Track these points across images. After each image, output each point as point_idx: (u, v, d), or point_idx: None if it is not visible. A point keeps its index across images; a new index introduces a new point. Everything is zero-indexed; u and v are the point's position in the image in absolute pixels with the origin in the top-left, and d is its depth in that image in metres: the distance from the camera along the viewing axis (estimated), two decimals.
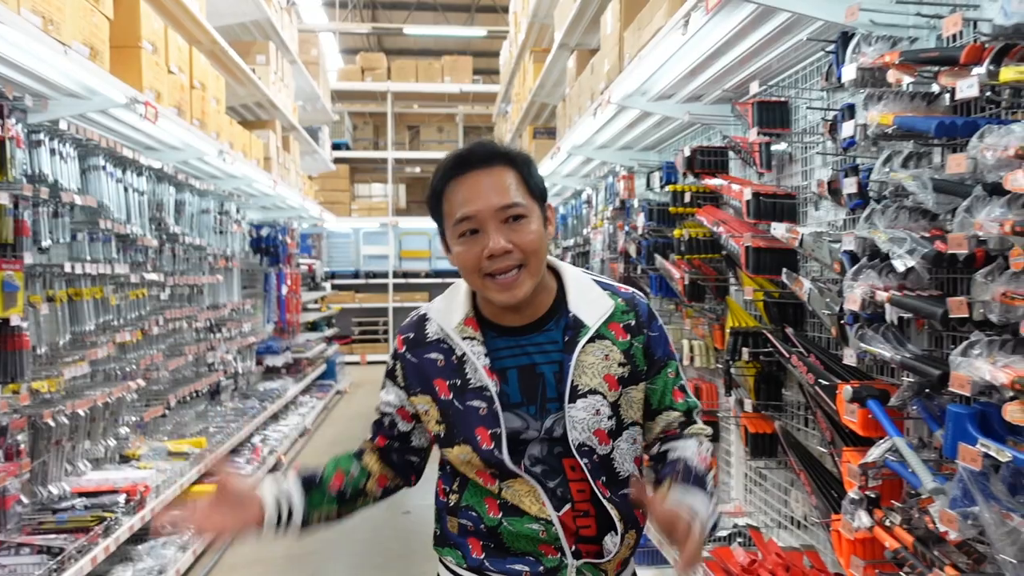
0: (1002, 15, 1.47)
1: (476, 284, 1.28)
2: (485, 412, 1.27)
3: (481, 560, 1.30)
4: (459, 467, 1.33)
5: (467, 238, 1.24)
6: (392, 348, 1.40)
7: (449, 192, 1.26)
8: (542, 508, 1.27)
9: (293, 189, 6.79)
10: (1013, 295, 1.41)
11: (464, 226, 1.24)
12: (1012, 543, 1.42)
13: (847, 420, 1.92)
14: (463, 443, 1.28)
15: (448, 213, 1.26)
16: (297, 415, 6.96)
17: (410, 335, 1.36)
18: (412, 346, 1.34)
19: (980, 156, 1.46)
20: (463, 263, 1.26)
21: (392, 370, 1.38)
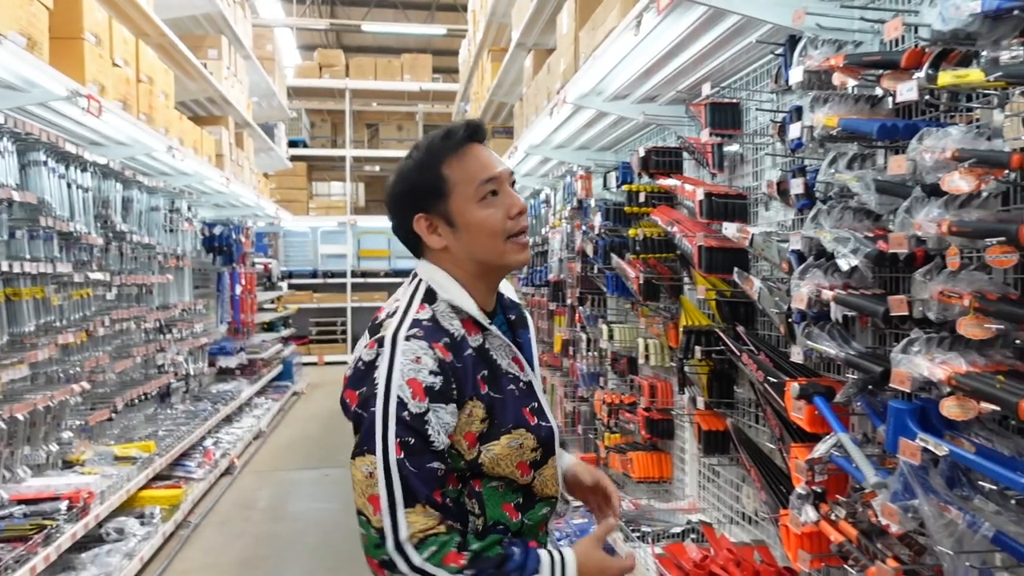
0: (940, 20, 1.50)
1: (496, 248, 1.28)
2: (519, 392, 1.29)
3: None
4: (496, 466, 1.25)
5: (489, 200, 1.26)
6: (431, 363, 1.18)
7: (459, 161, 1.27)
8: (558, 487, 1.34)
9: (247, 187, 6.65)
10: (950, 293, 1.45)
11: (490, 186, 1.26)
12: (949, 535, 1.45)
13: (795, 417, 1.96)
14: (514, 428, 1.26)
15: (464, 180, 1.26)
16: (252, 417, 6.83)
17: (446, 340, 1.22)
18: (454, 351, 1.22)
19: (919, 158, 1.50)
20: (491, 225, 1.26)
21: (444, 388, 1.18)
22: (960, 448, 1.43)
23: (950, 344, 1.50)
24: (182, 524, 4.40)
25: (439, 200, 1.27)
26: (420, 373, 1.17)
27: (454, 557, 1.15)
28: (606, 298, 4.16)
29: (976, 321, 1.39)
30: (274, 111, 8.45)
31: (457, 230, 1.28)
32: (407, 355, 1.18)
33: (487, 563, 1.17)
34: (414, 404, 1.16)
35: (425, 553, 1.14)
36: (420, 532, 1.15)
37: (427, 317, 1.25)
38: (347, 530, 4.44)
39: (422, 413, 1.16)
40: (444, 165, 1.27)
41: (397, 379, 1.17)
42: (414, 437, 1.16)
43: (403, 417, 1.16)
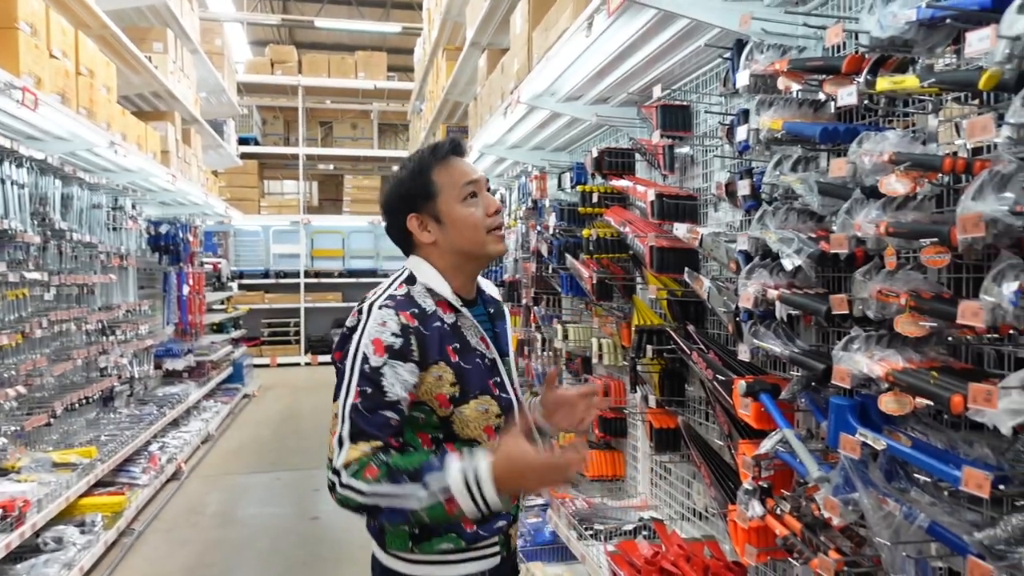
0: (878, 28, 1.55)
1: (479, 239, 1.52)
2: (484, 367, 1.51)
3: (475, 531, 1.47)
4: (465, 428, 1.47)
5: (471, 200, 1.52)
6: (394, 326, 1.40)
7: (445, 169, 1.52)
8: None
9: (195, 184, 6.49)
10: (888, 292, 1.49)
11: (471, 188, 1.52)
12: (887, 526, 1.50)
13: (742, 414, 2.00)
14: (480, 395, 1.48)
15: (449, 183, 1.51)
16: (200, 421, 6.66)
17: (414, 310, 1.44)
18: (421, 320, 1.44)
19: (859, 161, 1.54)
20: (474, 220, 1.51)
21: (403, 348, 1.39)
22: (897, 442, 1.48)
23: (888, 341, 1.54)
24: (125, 532, 4.26)
25: (429, 201, 1.52)
26: (383, 334, 1.39)
27: (372, 470, 1.32)
28: (561, 298, 4.18)
29: (912, 319, 1.43)
30: (223, 107, 8.26)
31: (444, 226, 1.51)
32: (376, 320, 1.41)
33: (399, 472, 1.31)
34: (374, 358, 1.38)
35: (351, 471, 1.32)
36: (353, 459, 1.33)
37: (402, 294, 1.48)
38: (299, 535, 4.37)
39: (379, 366, 1.37)
40: (433, 172, 1.52)
41: (365, 339, 1.40)
42: (371, 386, 1.37)
43: (364, 370, 1.38)
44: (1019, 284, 1.19)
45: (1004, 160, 1.26)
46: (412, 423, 1.44)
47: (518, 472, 1.29)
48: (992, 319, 1.24)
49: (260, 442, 6.74)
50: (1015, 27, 1.21)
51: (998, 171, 1.24)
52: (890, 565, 1.51)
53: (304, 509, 4.85)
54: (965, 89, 1.39)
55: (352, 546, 4.11)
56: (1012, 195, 1.21)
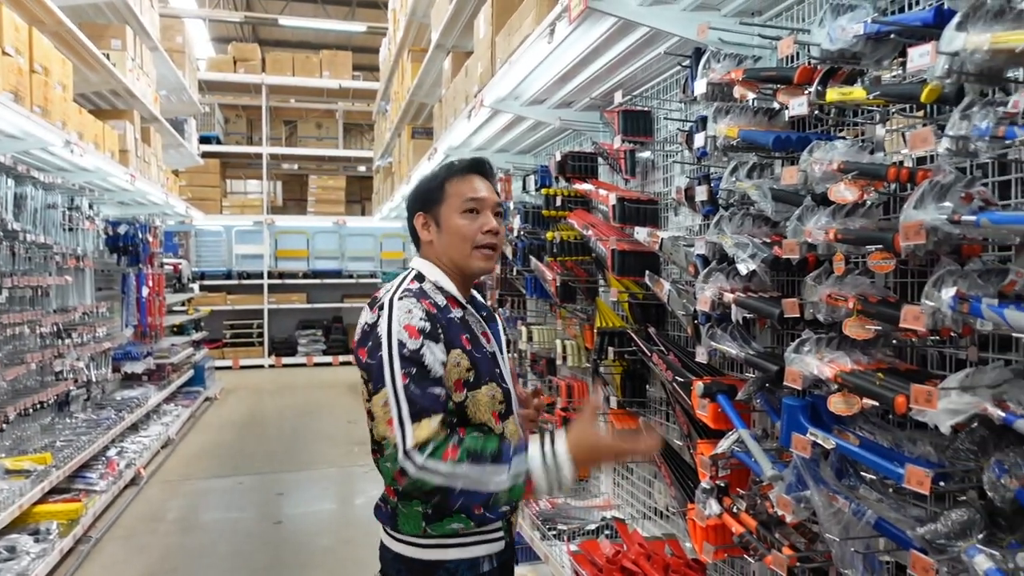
0: (828, 40, 1.60)
1: (464, 252, 1.62)
2: (491, 358, 1.62)
3: (483, 514, 1.49)
4: (477, 412, 1.56)
5: (470, 215, 1.63)
6: (420, 312, 1.50)
7: (458, 182, 1.64)
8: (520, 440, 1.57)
9: (155, 184, 6.37)
10: (837, 296, 1.54)
11: (471, 204, 1.63)
12: (837, 523, 1.55)
13: (700, 414, 2.04)
14: (489, 381, 1.58)
15: (456, 194, 1.63)
16: (160, 424, 6.54)
17: (431, 301, 1.56)
18: (439, 310, 1.56)
19: (809, 169, 1.59)
20: (464, 232, 1.61)
21: (433, 330, 1.50)
22: (846, 441, 1.53)
23: (838, 344, 1.60)
24: (82, 539, 4.17)
25: (435, 204, 1.65)
26: (413, 319, 1.49)
27: (451, 452, 1.41)
28: (526, 300, 4.21)
29: (859, 322, 1.48)
30: (184, 106, 8.11)
31: (440, 231, 1.64)
32: (401, 309, 1.51)
33: (479, 455, 1.42)
34: (411, 342, 1.47)
35: (426, 453, 1.40)
36: (423, 439, 1.41)
37: (415, 288, 1.59)
38: (261, 540, 4.32)
39: (418, 348, 1.47)
40: (448, 181, 1.65)
41: (396, 327, 1.48)
42: (415, 367, 1.46)
43: (404, 354, 1.46)
44: (957, 290, 1.25)
45: (944, 171, 1.32)
46: None
47: (594, 455, 1.46)
48: (933, 323, 1.30)
49: (222, 446, 6.64)
50: (954, 43, 1.26)
51: (938, 181, 1.29)
52: (840, 560, 1.56)
53: (267, 513, 4.80)
54: (909, 101, 1.45)
55: (316, 550, 4.08)
56: (951, 204, 1.26)
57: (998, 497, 1.26)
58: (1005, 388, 1.29)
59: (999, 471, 1.26)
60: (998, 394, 1.28)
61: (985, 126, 1.23)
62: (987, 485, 1.27)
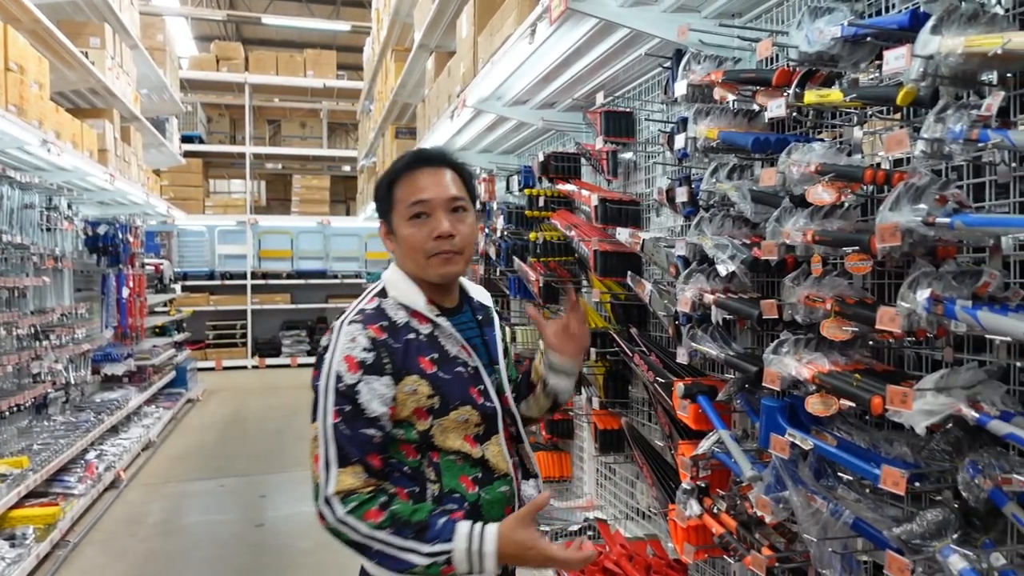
0: (806, 43, 1.61)
1: (419, 263, 1.44)
2: (467, 375, 1.45)
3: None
4: (446, 439, 1.42)
5: (417, 220, 1.43)
6: (364, 341, 1.36)
7: (404, 181, 1.45)
8: (507, 464, 1.48)
9: (135, 184, 6.29)
10: (815, 298, 1.55)
11: (417, 208, 1.43)
12: (815, 523, 1.56)
13: (681, 415, 2.05)
14: (461, 405, 1.43)
15: (401, 199, 1.45)
16: (140, 427, 6.46)
17: (383, 323, 1.41)
18: (390, 332, 1.40)
19: (788, 171, 1.60)
20: (412, 242, 1.43)
21: (375, 362, 1.36)
22: (823, 442, 1.54)
23: (816, 345, 1.61)
24: (59, 544, 4.11)
25: (388, 212, 1.48)
26: (354, 350, 1.36)
27: (374, 514, 1.31)
28: (510, 300, 4.20)
29: (836, 324, 1.49)
30: (166, 104, 8.02)
31: (397, 241, 1.47)
32: (345, 337, 1.38)
33: (404, 525, 1.31)
34: (348, 376, 1.35)
35: (348, 507, 1.31)
36: (346, 489, 1.32)
37: (372, 307, 1.44)
38: (244, 543, 4.28)
39: (354, 384, 1.34)
40: (395, 183, 1.46)
41: (337, 356, 1.36)
42: (349, 404, 1.34)
43: (339, 388, 1.34)
44: (931, 291, 1.26)
45: (919, 173, 1.33)
46: (393, 440, 1.40)
47: (521, 558, 1.32)
48: (908, 324, 1.30)
49: (204, 448, 6.58)
50: (928, 47, 1.27)
51: (913, 183, 1.30)
52: (818, 560, 1.57)
53: (249, 516, 4.75)
54: (885, 104, 1.46)
55: (298, 553, 4.05)
56: (926, 206, 1.27)
57: (972, 497, 1.27)
58: (979, 389, 1.30)
59: (973, 471, 1.28)
60: (972, 395, 1.29)
61: (959, 129, 1.24)
62: (961, 485, 1.28)
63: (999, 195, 1.39)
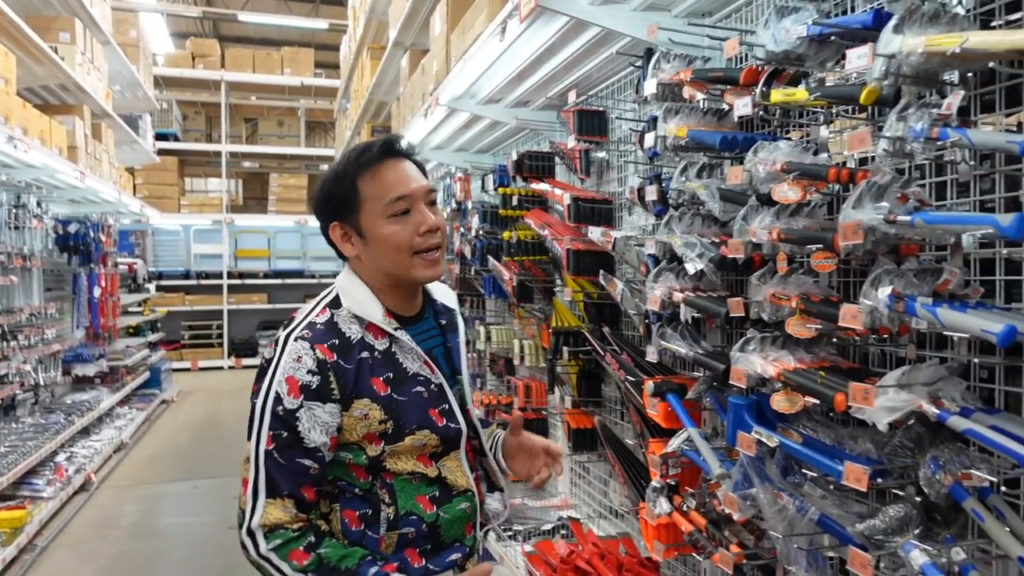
0: (773, 42, 1.62)
1: (403, 263, 1.32)
2: (428, 394, 1.34)
3: (424, 566, 1.34)
4: (397, 463, 1.32)
5: (401, 218, 1.31)
6: (310, 362, 1.24)
7: (374, 177, 1.31)
8: (467, 479, 1.39)
9: (107, 182, 6.19)
10: (780, 296, 1.56)
11: (400, 205, 1.31)
12: (782, 520, 1.56)
13: (651, 413, 2.05)
14: (417, 430, 1.32)
15: (374, 196, 1.31)
16: (113, 428, 6.37)
17: (334, 341, 1.28)
18: (341, 352, 1.27)
19: (754, 169, 1.60)
20: (397, 241, 1.31)
21: (321, 387, 1.24)
22: (789, 439, 1.54)
23: (782, 343, 1.61)
24: (27, 548, 4.03)
25: (352, 212, 1.33)
26: (298, 372, 1.24)
27: (299, 555, 1.21)
28: (485, 300, 4.19)
29: (801, 321, 1.50)
30: (139, 102, 7.90)
31: (367, 242, 1.33)
32: (290, 355, 1.26)
33: (330, 571, 1.21)
34: (288, 400, 1.23)
35: (272, 544, 1.21)
36: (272, 523, 1.22)
37: (323, 321, 1.30)
38: (217, 545, 4.23)
39: (294, 409, 1.23)
40: (359, 179, 1.32)
41: (279, 376, 1.25)
42: (286, 431, 1.23)
43: (277, 411, 1.24)
44: (893, 289, 1.27)
45: (881, 171, 1.34)
46: (340, 463, 1.31)
47: None
48: (870, 321, 1.31)
49: (178, 449, 6.49)
50: (890, 46, 1.28)
51: (875, 182, 1.31)
52: (784, 557, 1.57)
53: (223, 518, 4.69)
54: (849, 103, 1.47)
55: None
56: (887, 205, 1.28)
57: (933, 493, 1.28)
58: (940, 385, 1.31)
59: (934, 467, 1.29)
60: (934, 391, 1.30)
61: (920, 128, 1.25)
62: (923, 481, 1.29)
63: (960, 194, 1.41)
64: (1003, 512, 1.24)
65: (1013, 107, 1.31)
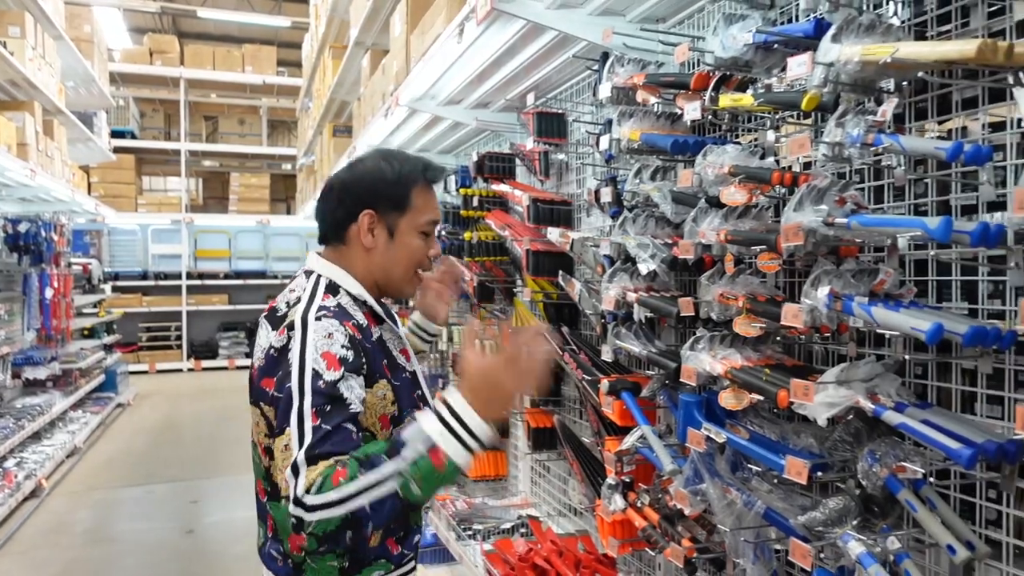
0: (721, 48, 1.66)
1: (406, 273, 1.46)
2: (408, 381, 1.44)
3: (401, 552, 1.43)
4: None
5: (426, 237, 1.47)
6: (342, 338, 1.26)
7: (426, 192, 1.47)
8: None
9: (59, 180, 6.04)
10: (728, 295, 1.60)
11: (431, 227, 1.47)
12: (730, 514, 1.61)
13: (606, 411, 2.08)
14: (408, 414, 1.37)
15: (420, 209, 1.45)
16: (65, 433, 6.22)
17: (355, 322, 1.34)
18: (361, 332, 1.33)
19: (703, 172, 1.65)
20: (418, 256, 1.46)
21: (355, 361, 1.26)
22: (736, 435, 1.58)
23: (731, 341, 1.65)
24: None
25: (397, 211, 1.43)
26: (333, 346, 1.25)
27: (339, 474, 1.13)
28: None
29: (748, 320, 1.54)
30: (94, 98, 7.72)
31: (392, 243, 1.43)
32: (319, 332, 1.26)
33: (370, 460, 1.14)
34: (329, 374, 1.23)
35: (314, 492, 1.12)
36: (313, 479, 1.13)
37: (333, 304, 1.35)
38: (172, 550, 4.16)
39: (336, 380, 1.22)
40: (415, 187, 1.45)
41: (311, 354, 1.24)
42: (330, 403, 1.21)
43: (318, 387, 1.21)
44: (831, 288, 1.31)
45: (821, 175, 1.38)
46: None
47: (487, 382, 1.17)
48: (811, 320, 1.36)
49: (133, 454, 6.36)
50: (829, 55, 1.33)
51: (815, 185, 1.35)
52: (733, 550, 1.62)
53: (179, 523, 4.62)
54: (792, 109, 1.51)
55: (229, 558, 3.96)
56: (826, 207, 1.33)
57: (870, 485, 1.33)
58: (877, 382, 1.36)
59: (871, 460, 1.34)
60: (871, 387, 1.35)
61: (857, 133, 1.30)
62: (860, 474, 1.34)
63: (896, 198, 1.46)
64: (934, 503, 1.29)
65: (944, 115, 1.37)
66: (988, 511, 1.32)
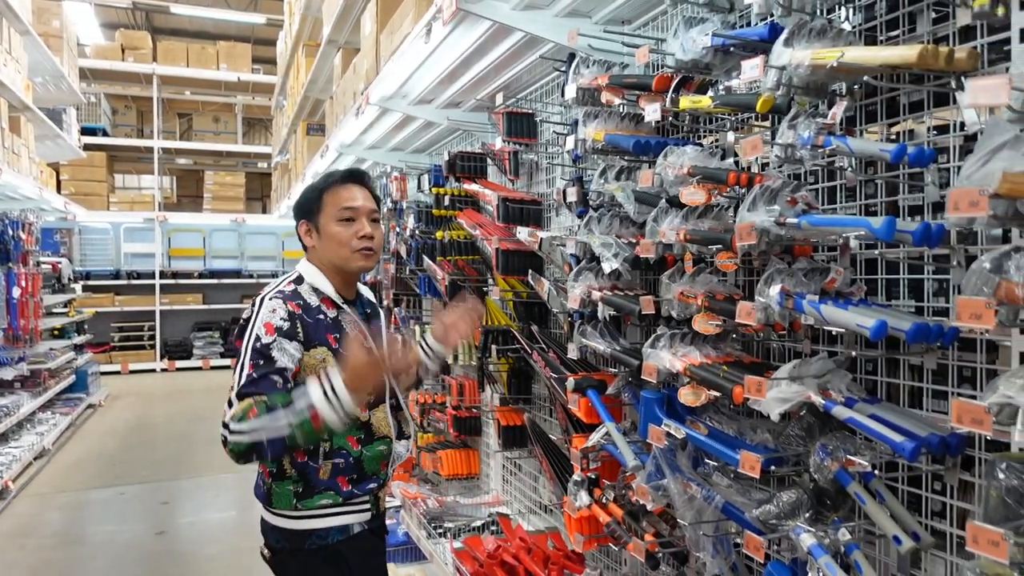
0: (681, 51, 1.69)
1: (343, 255, 1.79)
2: None
3: (350, 490, 1.76)
4: None
5: (346, 223, 1.79)
6: (283, 312, 1.67)
7: (334, 192, 1.80)
8: (389, 428, 1.84)
9: (27, 178, 5.94)
10: (688, 294, 1.63)
11: (347, 213, 1.79)
12: (690, 508, 1.64)
13: (572, 409, 2.10)
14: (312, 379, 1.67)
15: (332, 203, 1.80)
16: (34, 434, 6.12)
17: (299, 302, 1.73)
18: (304, 311, 1.73)
19: (664, 173, 1.67)
20: (340, 238, 1.78)
21: (290, 329, 1.67)
22: (695, 431, 1.61)
23: (691, 339, 1.68)
24: None
25: (315, 214, 1.82)
26: (273, 318, 1.68)
27: (253, 412, 1.53)
28: (420, 299, 4.19)
29: (706, 318, 1.57)
30: (63, 95, 7.59)
31: (321, 237, 1.81)
32: (267, 308, 1.69)
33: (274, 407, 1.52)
34: (265, 337, 1.65)
35: (236, 419, 1.52)
36: (239, 411, 1.52)
37: (290, 290, 1.76)
38: (142, 552, 4.12)
39: (269, 343, 1.64)
40: (326, 191, 1.81)
41: (259, 323, 1.67)
42: (262, 359, 1.62)
43: (255, 347, 1.63)
44: (782, 287, 1.34)
45: (774, 176, 1.42)
46: None
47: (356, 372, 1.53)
48: (765, 318, 1.39)
49: (103, 455, 6.28)
50: (781, 58, 1.36)
51: (768, 186, 1.38)
52: (693, 543, 1.65)
53: (150, 524, 4.57)
54: (748, 111, 1.55)
55: (201, 559, 3.93)
56: (778, 208, 1.36)
57: (822, 478, 1.37)
58: (829, 378, 1.40)
59: (823, 454, 1.37)
60: (823, 383, 1.39)
61: (807, 135, 1.33)
62: (812, 467, 1.38)
63: (848, 198, 1.50)
64: (883, 495, 1.33)
65: (893, 118, 1.41)
66: (934, 503, 1.36)
